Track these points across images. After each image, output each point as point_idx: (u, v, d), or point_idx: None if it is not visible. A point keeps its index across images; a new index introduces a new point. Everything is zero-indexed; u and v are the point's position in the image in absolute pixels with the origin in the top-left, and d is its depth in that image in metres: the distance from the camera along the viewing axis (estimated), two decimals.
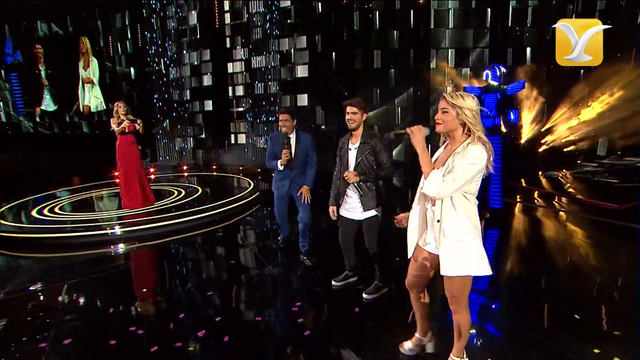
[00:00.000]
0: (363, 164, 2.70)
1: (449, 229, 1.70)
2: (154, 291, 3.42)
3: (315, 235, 4.72)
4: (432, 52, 8.67)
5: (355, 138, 2.76)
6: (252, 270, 3.71)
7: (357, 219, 2.83)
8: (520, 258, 3.87)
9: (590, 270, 3.46)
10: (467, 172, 1.60)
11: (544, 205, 5.60)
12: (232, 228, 5.01)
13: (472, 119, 1.64)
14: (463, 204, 1.67)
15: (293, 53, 9.29)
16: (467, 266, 1.72)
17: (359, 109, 2.66)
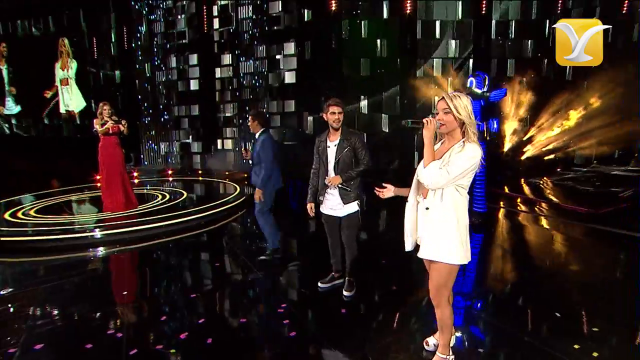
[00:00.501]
0: (342, 160, 2.75)
1: (433, 217, 1.80)
2: (134, 294, 3.33)
3: (301, 236, 4.75)
4: (420, 62, 8.92)
5: (334, 136, 2.80)
6: (237, 273, 3.69)
7: (338, 216, 2.86)
8: (503, 259, 3.97)
9: (569, 271, 3.57)
10: (462, 166, 1.69)
11: (526, 210, 5.77)
12: (217, 232, 4.97)
13: (468, 118, 1.73)
14: (453, 196, 1.76)
15: (281, 60, 9.37)
16: (444, 253, 1.80)
17: (342, 109, 2.74)
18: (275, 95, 9.55)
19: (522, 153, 9.08)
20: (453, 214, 1.77)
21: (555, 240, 4.47)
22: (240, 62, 9.79)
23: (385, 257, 3.87)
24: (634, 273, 3.48)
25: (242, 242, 4.61)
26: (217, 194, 6.73)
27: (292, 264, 3.82)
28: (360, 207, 2.84)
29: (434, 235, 1.80)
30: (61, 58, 11.43)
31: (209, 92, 10.14)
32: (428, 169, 1.75)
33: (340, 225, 2.91)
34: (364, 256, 3.27)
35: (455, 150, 1.75)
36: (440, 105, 1.79)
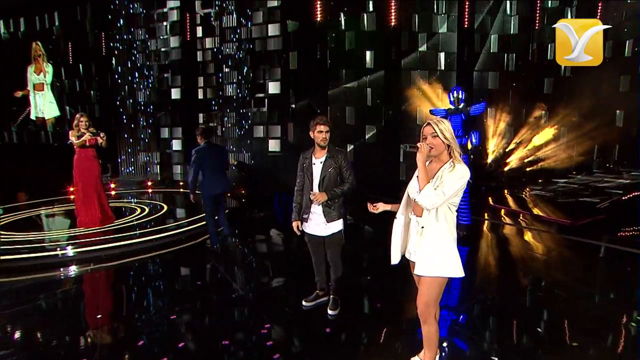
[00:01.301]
0: (328, 178, 2.79)
1: (429, 234, 1.92)
2: (109, 317, 3.21)
3: (284, 254, 4.73)
4: (406, 73, 9.16)
5: (319, 153, 2.84)
6: (220, 292, 3.63)
7: (321, 235, 2.89)
8: (487, 273, 4.06)
9: (551, 285, 3.69)
10: (456, 186, 1.83)
11: (510, 222, 5.94)
12: (199, 247, 4.90)
13: (453, 140, 1.89)
14: (446, 213, 1.90)
15: (264, 71, 9.41)
16: (441, 268, 1.92)
17: (329, 127, 2.79)
18: (259, 104, 9.55)
19: (505, 164, 9.39)
20: (447, 230, 1.90)
21: (538, 253, 4.61)
22: (223, 71, 9.80)
23: (370, 274, 3.91)
24: (615, 286, 3.62)
25: (225, 258, 4.54)
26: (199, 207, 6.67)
27: (275, 282, 3.82)
28: (343, 226, 2.89)
29: (431, 252, 1.91)
30: (35, 62, 11.10)
31: (191, 101, 10.08)
32: (425, 192, 1.85)
33: (324, 244, 2.94)
34: (348, 274, 3.28)
35: (446, 170, 1.88)
36: (428, 131, 1.92)
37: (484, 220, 6.05)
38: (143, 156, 10.58)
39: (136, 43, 10.17)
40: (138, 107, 10.40)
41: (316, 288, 3.17)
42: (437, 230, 1.90)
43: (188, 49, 9.95)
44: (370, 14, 9.01)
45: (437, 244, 1.91)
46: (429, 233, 1.92)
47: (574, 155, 9.12)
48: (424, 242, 1.93)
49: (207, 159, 4.26)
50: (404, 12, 8.88)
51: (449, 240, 1.91)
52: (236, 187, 8.82)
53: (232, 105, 9.81)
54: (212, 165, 4.29)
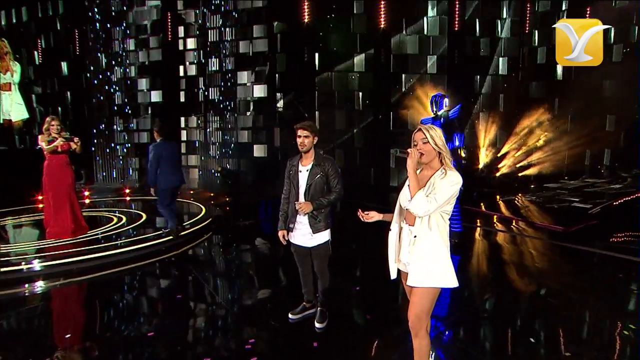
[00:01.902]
0: (314, 187, 2.79)
1: (422, 244, 1.93)
2: (79, 336, 3.09)
3: (270, 264, 4.71)
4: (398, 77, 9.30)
5: (306, 160, 2.84)
6: (202, 306, 3.58)
7: (307, 247, 2.89)
8: (479, 281, 4.10)
9: (544, 294, 3.75)
10: (448, 193, 1.86)
11: (503, 229, 6.05)
12: (180, 258, 4.85)
13: (444, 147, 1.92)
14: (439, 222, 1.93)
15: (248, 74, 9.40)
16: (434, 278, 1.92)
17: (310, 132, 2.76)
18: (243, 109, 9.53)
19: (497, 170, 9.58)
20: (440, 239, 1.93)
21: (531, 261, 4.69)
22: (206, 74, 9.76)
23: (360, 284, 3.92)
24: (608, 294, 3.70)
25: (207, 270, 4.50)
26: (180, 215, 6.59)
27: (261, 294, 3.78)
28: (330, 236, 2.89)
29: (425, 262, 1.92)
30: (1, 60, 10.83)
31: (171, 104, 9.99)
32: (416, 200, 1.87)
33: (311, 255, 2.94)
34: (337, 284, 3.28)
35: (438, 177, 1.91)
36: (418, 136, 1.95)
37: (476, 227, 6.13)
38: (120, 162, 10.40)
39: (114, 42, 10.05)
40: (115, 110, 10.24)
41: (303, 300, 3.15)
42: (430, 240, 1.92)
43: (169, 49, 9.89)
44: (360, 15, 9.16)
45: (430, 253, 1.92)
46: (421, 242, 1.93)
47: (566, 160, 9.39)
48: (417, 252, 1.94)
49: (164, 154, 4.81)
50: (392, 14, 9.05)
51: (442, 250, 1.93)
52: (221, 195, 8.73)
53: (216, 109, 9.76)
54: (168, 160, 4.85)
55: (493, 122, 9.52)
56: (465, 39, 9.35)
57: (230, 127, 9.65)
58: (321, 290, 3.01)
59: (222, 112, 9.70)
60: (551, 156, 9.42)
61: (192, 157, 10.26)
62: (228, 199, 8.44)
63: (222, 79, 9.61)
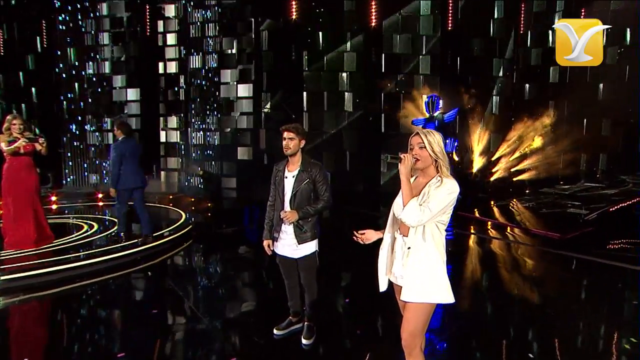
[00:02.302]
0: (300, 194, 2.75)
1: (416, 256, 1.91)
2: (39, 358, 2.95)
3: (254, 276, 4.63)
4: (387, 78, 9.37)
5: (292, 165, 2.81)
6: (180, 321, 3.49)
7: (293, 257, 2.85)
8: (474, 292, 4.10)
9: (541, 304, 3.77)
10: (443, 202, 1.84)
11: (497, 236, 6.10)
12: (157, 269, 4.75)
13: (442, 154, 1.91)
14: (434, 233, 1.90)
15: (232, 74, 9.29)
16: (430, 293, 1.89)
17: (296, 135, 2.73)
18: (227, 109, 9.43)
19: (491, 174, 9.71)
20: (436, 251, 1.90)
21: (527, 270, 4.73)
22: (188, 71, 9.61)
23: (349, 297, 3.88)
24: (607, 304, 3.73)
25: (187, 281, 4.40)
26: (158, 222, 6.44)
27: (244, 307, 3.70)
28: (318, 247, 2.84)
29: (419, 275, 1.90)
30: None
31: (149, 102, 9.80)
32: (409, 208, 1.85)
33: (295, 263, 2.89)
34: (325, 296, 3.23)
35: (433, 185, 1.89)
36: (415, 141, 1.94)
37: (470, 234, 6.16)
38: (92, 164, 10.14)
39: (87, 35, 9.79)
40: (87, 109, 9.98)
41: (289, 314, 3.09)
42: (425, 251, 1.90)
43: (147, 45, 9.72)
44: (350, 13, 9.20)
45: (424, 266, 1.90)
46: (415, 254, 1.91)
47: (561, 164, 9.58)
48: (410, 265, 1.92)
49: (127, 153, 4.86)
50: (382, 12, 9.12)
51: (438, 263, 1.90)
52: (203, 200, 8.60)
53: (197, 109, 9.61)
54: (130, 160, 4.89)
55: (487, 125, 9.61)
56: (459, 38, 9.47)
57: (212, 128, 9.51)
58: (308, 303, 2.96)
59: (204, 112, 9.56)
60: (546, 160, 9.60)
61: (171, 159, 10.10)
62: (210, 205, 8.34)
63: (204, 78, 9.48)
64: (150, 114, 9.81)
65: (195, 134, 9.71)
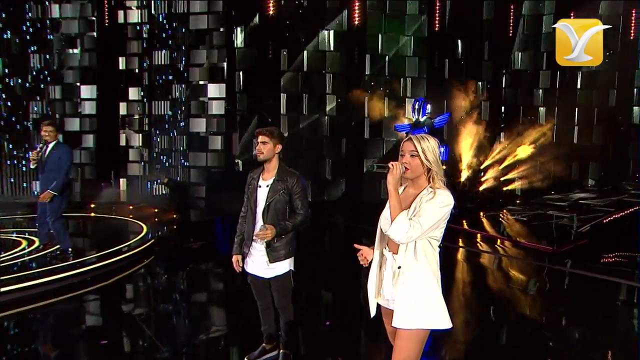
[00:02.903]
0: (274, 206, 2.71)
1: (408, 277, 1.87)
2: None
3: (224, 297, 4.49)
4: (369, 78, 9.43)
5: (267, 174, 2.77)
6: (135, 351, 3.34)
7: (265, 277, 2.78)
8: (462, 311, 4.07)
9: (537, 325, 3.77)
10: (435, 216, 1.81)
11: (488, 250, 6.15)
12: (110, 291, 4.60)
13: (436, 164, 1.87)
14: (426, 250, 1.88)
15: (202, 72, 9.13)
16: (424, 318, 1.86)
17: (270, 139, 2.69)
18: (196, 111, 9.24)
19: (480, 183, 9.90)
20: (429, 271, 1.87)
21: (520, 286, 4.77)
22: (151, 68, 9.35)
23: (331, 319, 3.81)
24: (606, 323, 3.76)
25: (146, 304, 4.27)
26: (115, 236, 6.28)
27: (212, 333, 3.58)
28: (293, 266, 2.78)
29: (412, 298, 1.86)
30: None
31: (107, 100, 9.50)
32: (397, 223, 1.81)
33: (267, 283, 2.83)
34: (303, 319, 3.16)
35: (425, 197, 1.86)
36: (407, 147, 1.89)
37: (458, 248, 6.20)
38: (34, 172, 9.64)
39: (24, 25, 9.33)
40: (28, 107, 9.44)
41: (262, 340, 2.99)
42: (417, 271, 1.87)
43: (107, 36, 9.37)
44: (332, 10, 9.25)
45: (417, 287, 1.86)
46: (406, 275, 1.88)
47: (552, 173, 9.84)
48: (401, 286, 1.88)
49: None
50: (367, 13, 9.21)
51: (432, 283, 1.87)
52: (167, 211, 8.48)
53: (163, 109, 9.38)
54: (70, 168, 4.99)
55: (476, 131, 9.82)
56: (448, 40, 9.63)
57: (179, 132, 9.28)
58: (284, 328, 2.88)
59: (169, 114, 9.33)
60: (537, 168, 9.85)
61: (133, 165, 9.83)
62: (175, 216, 8.22)
63: (171, 75, 9.24)
64: (109, 114, 9.49)
65: (159, 138, 9.43)
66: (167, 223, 7.57)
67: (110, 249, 5.30)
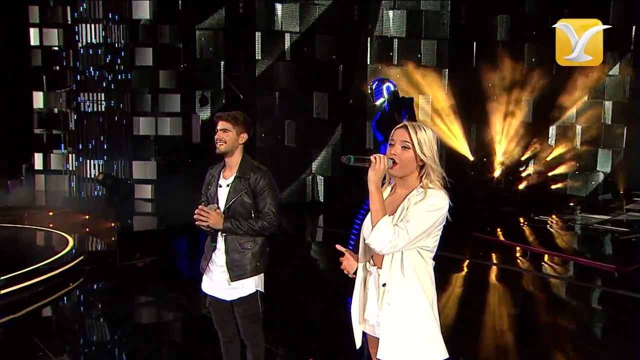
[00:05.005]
0: (235, 209, 2.81)
1: (393, 296, 1.94)
2: None
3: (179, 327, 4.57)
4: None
5: (229, 170, 2.89)
6: None
7: (225, 300, 2.87)
8: (498, 348, 4.09)
9: None
10: (425, 221, 1.89)
11: (528, 268, 6.16)
12: (20, 326, 4.60)
13: (433, 161, 1.95)
14: (416, 264, 1.96)
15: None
16: (414, 350, 1.93)
17: (233, 126, 2.80)
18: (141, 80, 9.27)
19: (520, 180, 9.93)
20: (419, 289, 1.94)
21: (575, 320, 4.73)
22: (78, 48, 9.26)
23: (312, 354, 3.84)
24: None
25: (67, 343, 4.24)
26: (28, 252, 6.41)
27: None
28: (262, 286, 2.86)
29: (399, 324, 1.94)
30: None
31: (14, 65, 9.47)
32: (379, 229, 1.87)
33: (231, 308, 2.90)
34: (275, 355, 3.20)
35: (413, 199, 1.93)
36: (399, 136, 1.97)
37: (490, 265, 6.22)
38: None
39: None
40: None
41: None
42: (404, 289, 1.93)
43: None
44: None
45: (405, 310, 1.93)
46: (392, 293, 1.94)
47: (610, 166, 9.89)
48: (387, 308, 1.94)
49: None
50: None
51: (423, 304, 1.93)
52: (102, 218, 8.56)
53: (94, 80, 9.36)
54: None
55: (514, 113, 9.88)
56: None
57: (120, 112, 9.30)
58: None
59: (104, 87, 9.31)
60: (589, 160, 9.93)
61: (55, 156, 9.85)
62: (114, 225, 8.25)
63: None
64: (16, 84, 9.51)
65: (90, 120, 9.41)
66: (101, 234, 7.59)
67: (21, 270, 5.32)
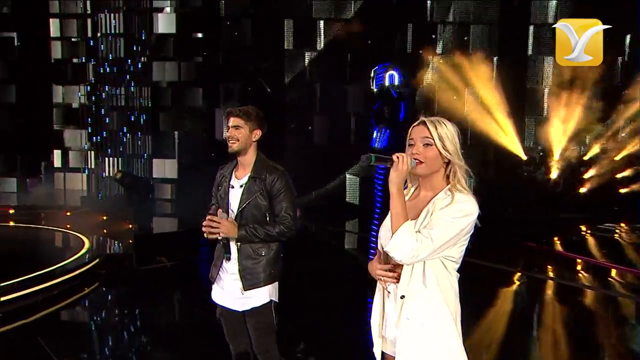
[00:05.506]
0: (249, 211, 2.85)
1: (413, 309, 1.97)
2: None
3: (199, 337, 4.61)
4: None
5: (241, 170, 2.94)
6: None
7: (237, 310, 2.90)
8: None
9: None
10: (452, 229, 1.91)
11: (595, 285, 6.00)
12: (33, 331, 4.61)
13: (457, 157, 1.99)
14: (439, 275, 1.98)
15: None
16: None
17: (246, 122, 2.83)
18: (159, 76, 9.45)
19: (582, 183, 9.68)
20: (442, 303, 1.97)
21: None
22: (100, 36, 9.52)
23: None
24: None
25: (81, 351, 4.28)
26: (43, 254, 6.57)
27: None
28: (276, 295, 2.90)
29: (418, 340, 1.97)
30: None
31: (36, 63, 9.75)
32: (400, 235, 1.90)
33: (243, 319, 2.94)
34: None
35: (439, 203, 1.95)
36: (418, 133, 1.99)
37: (546, 280, 6.17)
38: None
39: None
40: None
41: None
42: (425, 302, 1.95)
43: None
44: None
45: (426, 325, 1.95)
46: (411, 306, 1.96)
47: None
48: (405, 323, 1.96)
49: None
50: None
51: (446, 319, 1.95)
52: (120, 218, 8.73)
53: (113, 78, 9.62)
54: None
55: (573, 106, 9.65)
56: None
57: (138, 108, 9.45)
58: None
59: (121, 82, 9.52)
60: None
61: (74, 153, 10.05)
62: (132, 226, 8.37)
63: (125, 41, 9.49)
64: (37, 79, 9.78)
65: (110, 115, 9.62)
66: (120, 236, 7.68)
67: (36, 273, 5.46)
